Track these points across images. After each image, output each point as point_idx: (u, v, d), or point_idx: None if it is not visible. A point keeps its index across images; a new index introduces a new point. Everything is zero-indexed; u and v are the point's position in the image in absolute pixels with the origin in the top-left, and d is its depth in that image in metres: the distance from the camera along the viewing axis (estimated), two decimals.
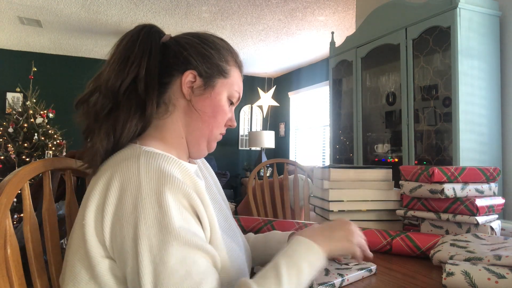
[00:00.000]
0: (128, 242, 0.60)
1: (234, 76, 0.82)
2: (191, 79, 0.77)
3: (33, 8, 3.96)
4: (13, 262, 0.70)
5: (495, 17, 2.16)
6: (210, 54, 0.78)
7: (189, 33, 0.82)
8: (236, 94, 0.82)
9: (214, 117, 0.78)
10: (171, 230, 0.59)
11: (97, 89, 0.73)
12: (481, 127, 2.09)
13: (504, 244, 0.84)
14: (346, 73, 3.09)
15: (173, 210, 0.61)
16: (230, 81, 0.80)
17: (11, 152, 4.14)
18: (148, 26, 0.78)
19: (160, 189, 0.62)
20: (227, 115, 0.81)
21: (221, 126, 0.81)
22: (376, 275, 0.84)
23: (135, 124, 0.72)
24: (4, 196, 0.70)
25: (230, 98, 0.81)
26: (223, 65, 0.79)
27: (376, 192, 1.21)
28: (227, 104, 0.80)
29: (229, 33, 4.62)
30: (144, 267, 0.58)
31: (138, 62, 0.73)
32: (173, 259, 0.58)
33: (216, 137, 0.81)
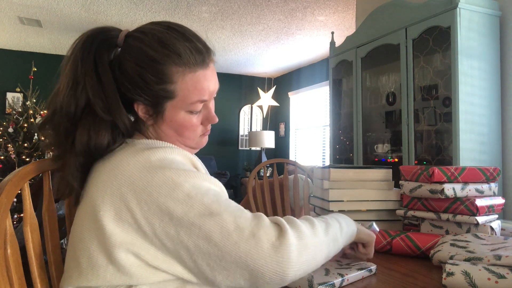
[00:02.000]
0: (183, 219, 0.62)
1: (185, 88, 0.72)
2: (142, 107, 0.74)
3: (33, 8, 3.96)
4: (13, 262, 0.70)
5: (495, 17, 2.16)
6: (145, 82, 0.70)
7: (136, 38, 0.72)
8: (197, 104, 0.74)
9: (180, 135, 0.77)
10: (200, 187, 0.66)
11: (55, 113, 0.70)
12: (481, 127, 2.09)
13: (504, 244, 0.84)
14: (346, 73, 3.09)
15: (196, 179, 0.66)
16: (181, 97, 0.72)
17: (11, 152, 4.14)
18: (91, 36, 0.72)
19: (175, 171, 0.66)
20: (195, 127, 0.77)
21: (195, 135, 0.79)
22: (376, 275, 0.84)
23: (108, 141, 0.70)
24: (4, 196, 0.70)
25: (191, 110, 0.74)
26: (164, 88, 0.71)
27: (376, 192, 1.21)
28: (189, 118, 0.75)
29: (229, 33, 4.62)
30: (224, 221, 0.62)
31: (83, 84, 0.69)
32: (211, 193, 0.66)
33: (197, 142, 0.81)
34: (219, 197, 0.65)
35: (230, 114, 6.73)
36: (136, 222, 0.63)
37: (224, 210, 0.63)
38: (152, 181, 0.64)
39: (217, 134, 6.42)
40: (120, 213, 0.63)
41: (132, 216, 0.63)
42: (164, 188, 0.63)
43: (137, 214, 0.63)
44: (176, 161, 0.69)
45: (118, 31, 0.74)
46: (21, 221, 2.91)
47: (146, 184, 0.64)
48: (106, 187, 0.65)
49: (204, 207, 0.63)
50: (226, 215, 0.62)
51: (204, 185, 0.66)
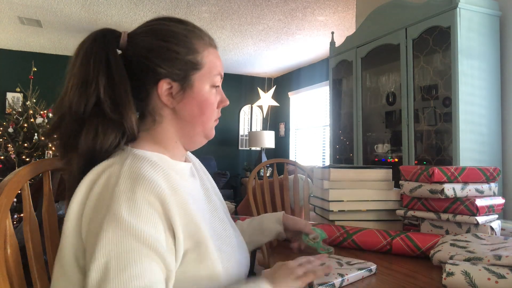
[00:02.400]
0: (93, 235, 0.60)
1: (209, 60, 0.76)
2: (167, 87, 0.73)
3: (33, 8, 3.96)
4: (13, 262, 0.70)
5: (495, 17, 2.16)
6: (175, 53, 0.73)
7: (144, 29, 0.75)
8: (218, 77, 0.78)
9: (203, 114, 0.76)
10: (134, 230, 0.59)
11: (63, 116, 0.70)
12: (481, 127, 2.09)
13: (504, 244, 0.84)
14: (346, 73, 3.09)
15: (142, 212, 0.61)
16: (207, 69, 0.76)
17: (11, 152, 4.14)
18: (100, 35, 0.73)
19: (134, 189, 0.62)
20: (215, 105, 0.78)
21: (213, 116, 0.79)
22: (376, 275, 0.84)
23: (112, 143, 0.69)
24: (4, 196, 0.70)
25: (213, 85, 0.77)
26: (193, 58, 0.74)
27: (376, 192, 1.21)
28: (211, 93, 0.77)
29: (229, 33, 4.62)
30: (96, 259, 0.57)
31: (96, 82, 0.69)
32: (128, 262, 0.58)
33: (211, 127, 0.80)
34: (126, 268, 0.58)
35: (230, 114, 6.73)
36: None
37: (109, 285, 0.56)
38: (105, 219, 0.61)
39: (217, 134, 6.28)
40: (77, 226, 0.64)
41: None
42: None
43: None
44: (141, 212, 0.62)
45: (119, 32, 0.75)
46: (21, 221, 2.91)
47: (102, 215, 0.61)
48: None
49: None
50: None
51: (129, 247, 0.59)
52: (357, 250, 1.04)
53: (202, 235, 0.68)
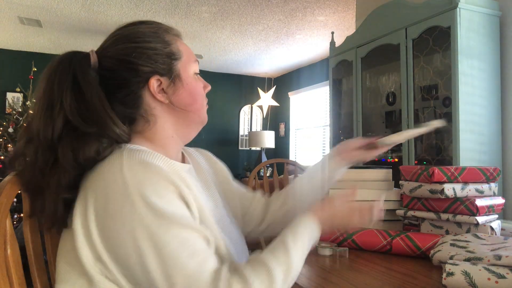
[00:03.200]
0: (126, 237, 0.59)
1: (184, 49, 0.79)
2: (157, 84, 0.74)
3: (33, 8, 3.96)
4: (13, 262, 0.70)
5: (495, 17, 2.16)
6: (153, 50, 0.74)
7: (112, 41, 0.75)
8: (196, 64, 0.81)
9: (195, 101, 0.79)
10: (164, 215, 0.60)
11: (31, 141, 0.67)
12: (481, 127, 2.09)
13: (504, 244, 0.84)
14: (346, 73, 3.09)
15: (161, 198, 0.61)
16: (186, 57, 0.78)
17: (11, 152, 4.14)
18: (65, 57, 0.72)
19: (146, 180, 0.62)
20: (202, 91, 0.81)
21: (204, 102, 0.82)
22: (376, 275, 0.84)
23: (96, 151, 0.66)
24: (4, 196, 0.70)
25: (195, 72, 0.80)
26: (170, 49, 0.76)
27: (376, 192, 1.21)
28: (197, 80, 0.80)
29: (229, 33, 4.62)
30: (148, 256, 0.58)
31: (60, 104, 0.67)
32: (174, 242, 0.59)
33: (205, 112, 0.82)
34: (180, 252, 0.59)
35: (230, 114, 6.72)
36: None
37: (177, 273, 0.58)
38: (121, 210, 0.60)
39: (217, 134, 6.42)
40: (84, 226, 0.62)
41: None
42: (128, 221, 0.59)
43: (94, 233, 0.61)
44: (157, 187, 0.62)
45: (86, 53, 0.74)
46: (21, 221, 2.91)
47: (114, 211, 0.60)
48: (84, 194, 0.64)
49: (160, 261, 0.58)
50: (178, 279, 0.58)
51: (169, 234, 0.60)
52: (357, 250, 1.04)
53: (206, 219, 0.69)
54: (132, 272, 0.60)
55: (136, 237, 0.59)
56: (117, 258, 0.61)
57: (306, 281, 0.81)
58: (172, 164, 0.71)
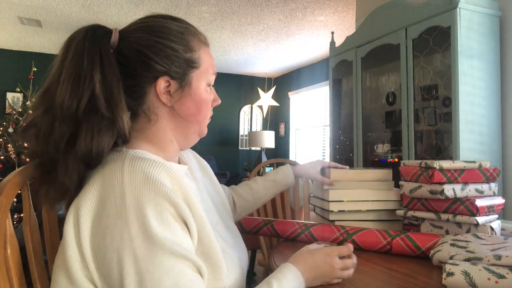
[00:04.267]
0: (112, 253, 0.58)
1: (206, 59, 0.77)
2: (165, 85, 0.72)
3: (33, 8, 3.96)
4: (13, 262, 0.69)
5: (495, 17, 2.16)
6: (173, 50, 0.71)
7: (137, 26, 0.73)
8: (213, 76, 0.79)
9: (199, 112, 0.77)
10: (156, 240, 0.57)
11: (49, 111, 0.64)
12: (481, 127, 2.09)
13: (504, 244, 0.84)
14: (346, 73, 3.09)
15: (158, 220, 0.59)
16: (204, 67, 0.76)
17: (11, 152, 4.14)
18: (90, 30, 0.69)
19: (145, 197, 0.59)
20: (210, 104, 0.79)
21: (208, 115, 0.80)
22: (375, 276, 0.84)
23: (107, 144, 0.65)
24: (4, 196, 0.70)
25: (208, 84, 0.78)
26: (191, 56, 0.74)
27: (376, 192, 1.21)
28: (207, 92, 0.77)
29: (229, 33, 4.62)
30: (129, 278, 0.56)
31: (90, 78, 0.64)
32: (158, 270, 0.57)
33: (206, 125, 0.81)
34: (162, 281, 0.57)
35: (230, 114, 6.72)
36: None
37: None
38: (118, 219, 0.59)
39: (217, 134, 6.42)
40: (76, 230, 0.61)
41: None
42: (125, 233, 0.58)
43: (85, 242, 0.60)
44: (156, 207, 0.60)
45: (110, 29, 0.72)
46: (21, 221, 2.91)
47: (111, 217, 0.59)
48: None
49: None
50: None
51: (155, 261, 0.57)
52: (357, 250, 1.04)
53: (205, 229, 0.68)
54: (110, 286, 0.59)
55: (121, 256, 0.57)
56: (101, 270, 0.60)
57: None
58: (173, 173, 0.67)
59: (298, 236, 1.13)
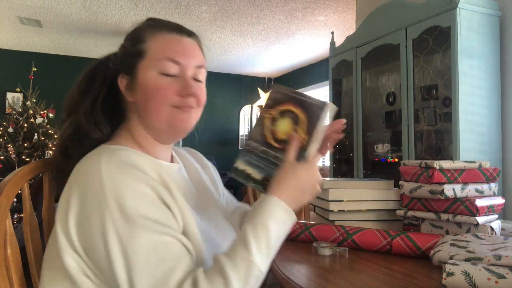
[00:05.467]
0: (98, 239, 0.60)
1: (156, 47, 0.75)
2: (124, 82, 0.77)
3: (33, 8, 3.96)
4: (13, 262, 0.70)
5: (495, 17, 2.16)
6: (123, 48, 0.78)
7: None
8: (166, 62, 0.73)
9: (150, 101, 0.74)
10: (137, 220, 0.60)
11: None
12: (481, 127, 2.09)
13: (504, 244, 0.84)
14: (346, 73, 3.09)
15: (137, 202, 0.61)
16: (153, 55, 0.74)
17: (11, 152, 4.14)
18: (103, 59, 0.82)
19: (122, 183, 0.62)
20: (166, 91, 0.73)
21: (163, 105, 0.73)
22: (375, 275, 0.84)
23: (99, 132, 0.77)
24: (4, 196, 0.70)
25: (161, 70, 0.73)
26: (137, 47, 0.75)
27: (376, 192, 1.21)
28: (160, 80, 0.73)
29: (229, 33, 4.62)
30: (116, 261, 0.58)
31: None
32: (143, 249, 0.59)
33: (169, 114, 0.74)
34: (147, 259, 0.58)
35: (230, 114, 6.72)
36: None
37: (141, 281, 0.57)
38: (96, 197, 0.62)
39: (217, 134, 6.42)
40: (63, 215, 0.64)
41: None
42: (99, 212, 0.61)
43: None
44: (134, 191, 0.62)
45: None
46: (21, 221, 2.91)
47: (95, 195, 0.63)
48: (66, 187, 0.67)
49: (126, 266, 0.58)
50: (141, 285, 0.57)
51: (139, 240, 0.59)
52: (357, 250, 1.04)
53: (188, 223, 0.68)
54: (104, 274, 0.61)
55: (107, 240, 0.59)
56: (92, 259, 0.62)
57: (306, 281, 0.81)
58: (157, 163, 0.71)
59: (298, 236, 1.13)
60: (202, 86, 0.79)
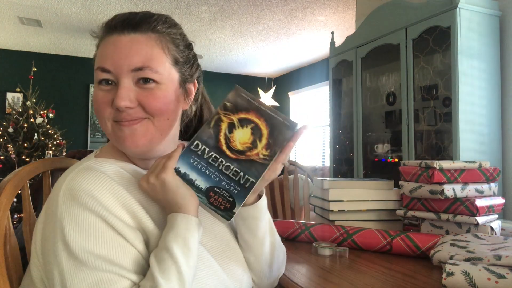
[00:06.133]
0: (50, 258, 0.59)
1: (97, 55, 0.67)
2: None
3: (33, 8, 3.96)
4: (12, 262, 0.69)
5: (495, 17, 2.16)
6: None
7: None
8: (98, 72, 0.65)
9: (96, 114, 0.67)
10: (80, 255, 0.57)
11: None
12: (481, 127, 2.09)
13: (504, 244, 0.84)
14: (346, 73, 3.09)
15: (83, 234, 0.57)
16: (96, 61, 0.67)
17: (11, 152, 4.14)
18: None
19: (72, 210, 0.58)
20: (99, 104, 0.65)
21: (103, 119, 0.66)
22: (375, 275, 0.84)
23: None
24: (4, 196, 0.70)
25: (97, 81, 0.66)
26: (95, 53, 0.69)
27: (376, 192, 1.21)
28: (98, 91, 0.66)
29: (229, 33, 4.62)
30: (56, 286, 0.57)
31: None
32: (82, 286, 0.56)
33: (113, 129, 0.66)
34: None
35: None
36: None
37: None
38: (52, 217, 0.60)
39: None
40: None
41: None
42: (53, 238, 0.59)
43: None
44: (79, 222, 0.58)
45: None
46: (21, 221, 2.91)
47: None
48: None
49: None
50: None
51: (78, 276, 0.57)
52: (357, 250, 1.04)
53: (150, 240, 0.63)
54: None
55: (53, 266, 0.58)
56: (46, 273, 0.62)
57: (306, 281, 0.81)
58: (130, 179, 0.66)
59: (298, 236, 1.13)
60: (151, 90, 0.65)
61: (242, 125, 0.66)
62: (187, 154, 0.65)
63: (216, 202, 0.64)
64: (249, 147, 0.65)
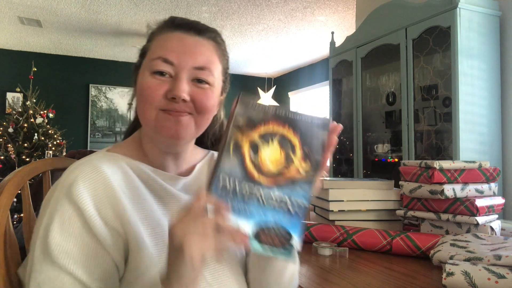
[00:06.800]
0: (32, 249, 0.61)
1: (154, 45, 0.70)
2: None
3: (33, 8, 3.96)
4: (13, 262, 0.69)
5: (495, 17, 2.16)
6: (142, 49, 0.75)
7: None
8: (156, 61, 0.67)
9: (142, 100, 0.68)
10: (51, 253, 0.58)
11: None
12: (481, 127, 2.09)
13: (504, 244, 0.84)
14: (346, 73, 3.09)
15: (64, 234, 0.59)
16: (149, 54, 0.70)
17: (11, 152, 4.14)
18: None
19: (60, 208, 0.60)
20: (153, 92, 0.66)
21: (153, 102, 0.66)
22: (375, 275, 0.84)
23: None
24: (4, 196, 0.70)
25: (151, 69, 0.67)
26: (144, 47, 0.73)
27: (376, 192, 1.21)
28: (150, 80, 0.67)
29: (229, 33, 4.62)
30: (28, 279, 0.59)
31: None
32: (41, 276, 0.58)
33: (152, 117, 0.67)
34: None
35: None
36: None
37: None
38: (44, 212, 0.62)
39: None
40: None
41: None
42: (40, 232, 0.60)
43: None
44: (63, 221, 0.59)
45: None
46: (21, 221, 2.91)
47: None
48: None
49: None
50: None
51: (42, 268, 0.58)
52: (357, 250, 1.04)
53: (138, 245, 0.62)
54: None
55: (31, 259, 0.60)
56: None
57: (306, 281, 0.81)
58: (135, 180, 0.67)
59: None
60: (204, 90, 0.69)
61: (267, 141, 0.53)
62: (216, 192, 0.51)
63: (270, 242, 0.51)
64: (284, 165, 0.53)
